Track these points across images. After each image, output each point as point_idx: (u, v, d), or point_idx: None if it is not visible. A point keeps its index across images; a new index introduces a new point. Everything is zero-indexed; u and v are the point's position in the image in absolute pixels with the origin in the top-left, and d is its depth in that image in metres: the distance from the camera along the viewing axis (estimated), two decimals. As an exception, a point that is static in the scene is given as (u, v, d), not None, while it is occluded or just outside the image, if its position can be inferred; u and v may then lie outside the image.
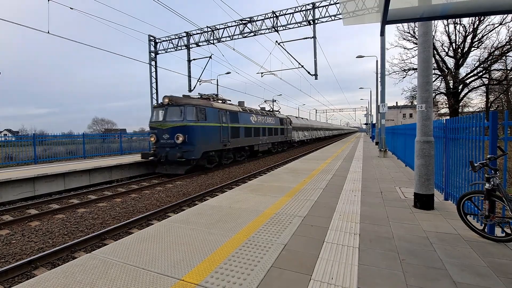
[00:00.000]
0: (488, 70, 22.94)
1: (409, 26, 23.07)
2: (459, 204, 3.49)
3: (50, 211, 6.93)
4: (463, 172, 4.13)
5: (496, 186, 3.08)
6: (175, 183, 10.77)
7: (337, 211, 4.37)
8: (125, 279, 2.46)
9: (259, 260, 2.76)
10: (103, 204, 7.85)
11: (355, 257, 2.81)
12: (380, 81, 14.50)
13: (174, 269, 2.61)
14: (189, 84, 21.33)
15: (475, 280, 2.38)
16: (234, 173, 13.19)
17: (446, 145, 4.93)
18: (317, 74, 16.98)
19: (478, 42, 22.00)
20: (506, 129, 3.35)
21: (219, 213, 4.32)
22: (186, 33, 19.40)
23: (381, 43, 14.24)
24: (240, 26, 17.39)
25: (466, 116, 4.07)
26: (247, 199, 5.16)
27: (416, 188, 4.52)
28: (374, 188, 6.04)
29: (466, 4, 1.80)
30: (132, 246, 3.16)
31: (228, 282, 2.38)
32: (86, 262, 2.79)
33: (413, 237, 3.33)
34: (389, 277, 2.44)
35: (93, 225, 6.14)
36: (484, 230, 3.30)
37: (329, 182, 6.73)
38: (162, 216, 6.75)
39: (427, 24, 4.42)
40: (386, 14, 1.75)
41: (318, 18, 15.69)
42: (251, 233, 3.46)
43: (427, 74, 4.39)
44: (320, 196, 5.35)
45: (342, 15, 14.42)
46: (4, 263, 4.48)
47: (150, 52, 20.32)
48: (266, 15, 16.71)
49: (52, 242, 5.27)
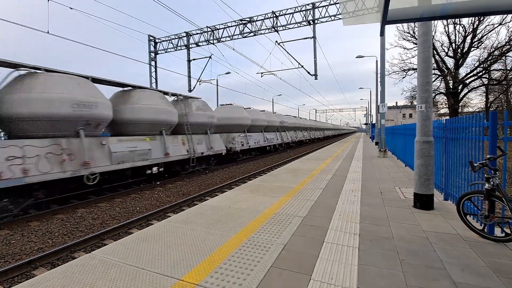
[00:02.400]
0: (487, 70, 22.96)
1: (409, 26, 23.09)
2: (458, 204, 3.50)
3: (49, 211, 6.92)
4: (462, 172, 4.13)
5: (496, 186, 3.08)
6: (175, 183, 10.77)
7: (337, 211, 4.37)
8: (125, 279, 2.46)
9: (259, 260, 2.76)
10: (102, 204, 7.85)
11: (355, 257, 2.81)
12: (380, 81, 14.51)
13: (173, 269, 2.61)
14: (189, 84, 21.34)
15: (474, 280, 2.38)
16: (234, 173, 13.19)
17: (445, 145, 4.93)
18: (317, 74, 16.99)
19: (478, 42, 22.01)
20: (506, 129, 3.36)
21: (219, 213, 4.32)
22: (186, 33, 19.41)
23: (381, 43, 14.25)
24: (240, 26, 17.40)
25: (465, 116, 4.08)
26: (247, 199, 5.16)
27: (416, 188, 4.52)
28: (374, 188, 6.04)
29: (466, 4, 1.80)
30: (132, 246, 3.16)
31: (228, 282, 2.38)
32: (85, 262, 2.79)
33: (413, 237, 3.33)
34: (389, 277, 2.44)
35: (92, 225, 6.14)
36: (484, 230, 3.31)
37: (329, 182, 6.73)
38: (162, 216, 6.75)
39: (427, 24, 4.42)
40: (386, 14, 1.75)
41: (318, 18, 15.70)
42: (251, 233, 3.46)
43: (427, 74, 4.39)
44: (320, 196, 5.35)
45: (342, 15, 14.43)
46: (4, 263, 4.47)
47: (150, 52, 20.33)
48: (266, 15, 16.72)
49: (51, 242, 5.27)
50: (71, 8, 11.85)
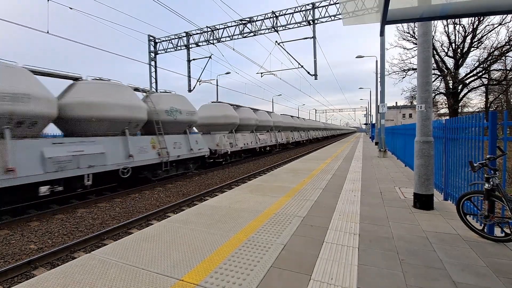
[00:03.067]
0: (487, 70, 22.96)
1: (408, 26, 23.09)
2: (458, 204, 3.50)
3: (49, 211, 6.92)
4: (462, 172, 4.13)
5: (496, 186, 3.08)
6: (175, 183, 10.76)
7: (336, 211, 4.37)
8: (125, 279, 2.46)
9: (259, 260, 2.76)
10: (102, 204, 7.85)
11: (355, 257, 2.81)
12: (380, 81, 14.51)
13: (173, 269, 2.60)
14: (189, 84, 21.33)
15: (474, 280, 2.38)
16: (233, 173, 13.19)
17: (445, 145, 4.93)
18: (316, 74, 16.99)
19: (478, 42, 22.02)
20: (506, 129, 3.36)
21: (218, 213, 4.32)
22: (186, 33, 19.40)
23: (381, 43, 14.24)
24: (240, 26, 17.40)
25: (465, 116, 4.08)
26: (247, 199, 5.16)
27: (415, 188, 4.52)
28: (374, 188, 6.04)
29: (466, 5, 1.80)
30: (132, 246, 3.16)
31: (228, 282, 2.38)
32: (85, 262, 2.79)
33: (412, 237, 3.33)
34: (389, 277, 2.44)
35: (92, 225, 6.14)
36: (484, 230, 3.31)
37: (328, 182, 6.73)
38: (162, 216, 6.75)
39: (426, 24, 4.43)
40: (385, 14, 1.74)
41: (318, 18, 15.71)
42: (251, 233, 3.46)
43: (426, 74, 4.39)
44: (320, 196, 5.35)
45: (341, 15, 14.44)
46: (4, 263, 4.47)
47: (150, 52, 20.33)
48: (266, 15, 16.72)
49: (51, 242, 5.27)
50: (71, 8, 11.85)
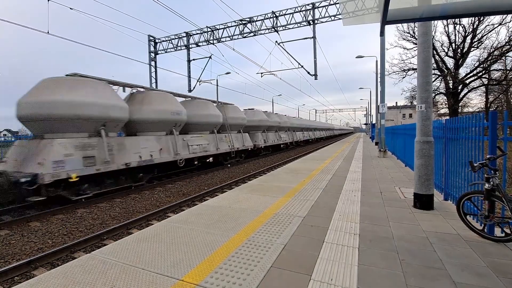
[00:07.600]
0: (487, 70, 22.97)
1: (409, 26, 23.10)
2: (458, 204, 3.50)
3: (49, 211, 6.92)
4: (462, 172, 4.13)
5: (496, 186, 3.08)
6: (175, 183, 10.76)
7: (337, 211, 4.37)
8: (125, 279, 2.46)
9: (259, 260, 2.76)
10: (102, 204, 7.85)
11: (355, 257, 2.81)
12: (380, 81, 14.51)
13: (174, 269, 2.60)
14: (189, 84, 21.34)
15: (474, 280, 2.38)
16: (234, 173, 13.19)
17: (445, 145, 4.93)
18: (316, 74, 16.99)
19: (478, 42, 22.03)
20: (506, 129, 3.36)
21: (219, 213, 4.32)
22: (186, 33, 19.41)
23: (381, 43, 14.24)
24: (240, 26, 17.41)
25: (465, 116, 4.08)
26: (247, 199, 5.15)
27: (415, 188, 4.52)
28: (374, 188, 6.04)
29: (466, 5, 1.80)
30: (132, 246, 3.15)
31: (228, 282, 2.38)
32: (85, 262, 2.79)
33: (412, 237, 3.33)
34: (389, 277, 2.44)
35: (92, 226, 6.14)
36: (484, 230, 3.31)
37: (329, 182, 6.73)
38: (162, 216, 6.75)
39: (426, 24, 4.42)
40: (386, 14, 1.74)
41: (318, 18, 15.71)
42: (251, 233, 3.46)
43: (426, 74, 4.39)
44: (320, 196, 5.35)
45: (342, 15, 14.45)
46: (4, 263, 4.47)
47: (150, 52, 20.33)
48: (266, 15, 16.72)
49: (51, 242, 5.27)
50: (71, 8, 11.86)
